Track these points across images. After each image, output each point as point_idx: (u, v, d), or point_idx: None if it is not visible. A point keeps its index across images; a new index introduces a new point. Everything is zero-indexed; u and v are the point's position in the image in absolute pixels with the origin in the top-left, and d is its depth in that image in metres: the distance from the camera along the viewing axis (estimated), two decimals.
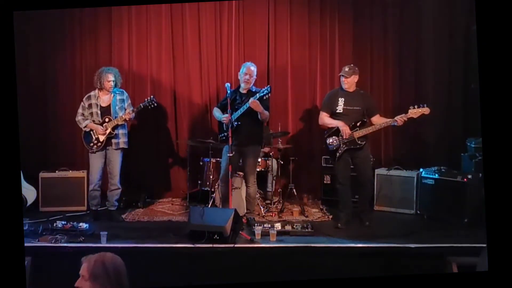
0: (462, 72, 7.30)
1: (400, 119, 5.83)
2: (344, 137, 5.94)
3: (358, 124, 5.97)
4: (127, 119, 6.34)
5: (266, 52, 7.55)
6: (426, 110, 5.80)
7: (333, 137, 6.01)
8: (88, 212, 6.67)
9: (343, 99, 6.03)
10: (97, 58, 7.41)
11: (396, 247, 5.35)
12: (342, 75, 6.03)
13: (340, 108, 6.03)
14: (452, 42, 7.35)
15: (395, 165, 6.96)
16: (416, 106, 5.79)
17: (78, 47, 7.47)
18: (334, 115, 6.08)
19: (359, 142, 5.95)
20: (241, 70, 6.10)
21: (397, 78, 7.48)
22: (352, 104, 6.01)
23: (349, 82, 6.02)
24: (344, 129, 5.93)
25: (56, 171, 7.04)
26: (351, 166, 6.18)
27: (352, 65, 6.13)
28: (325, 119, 6.14)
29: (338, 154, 6.00)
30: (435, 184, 6.45)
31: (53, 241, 5.42)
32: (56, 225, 5.77)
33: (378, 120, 6.04)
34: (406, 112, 5.81)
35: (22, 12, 6.05)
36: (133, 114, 6.38)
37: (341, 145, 5.97)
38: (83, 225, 5.74)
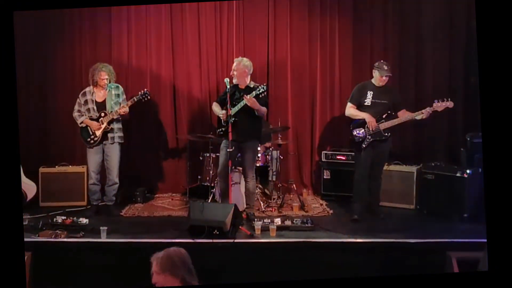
0: (462, 67, 7.29)
1: (425, 112, 5.90)
2: (371, 129, 6.02)
3: (384, 116, 6.04)
4: (122, 113, 6.35)
5: (266, 46, 7.54)
6: (450, 104, 5.89)
7: (360, 128, 6.09)
8: (89, 207, 6.68)
9: (372, 92, 6.12)
10: (97, 53, 7.39)
11: (396, 242, 5.36)
12: (387, 75, 6.07)
13: (368, 101, 6.12)
14: (452, 36, 7.33)
15: (395, 160, 6.96)
16: (440, 100, 5.87)
17: (78, 42, 7.45)
18: (361, 107, 6.16)
19: (385, 134, 6.03)
20: None
21: (397, 72, 7.45)
22: (380, 97, 6.09)
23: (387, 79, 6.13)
24: (370, 121, 6.02)
25: (56, 166, 7.04)
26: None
27: (382, 61, 6.22)
28: (351, 110, 6.21)
29: (364, 145, 6.07)
30: (435, 179, 6.45)
31: (53, 236, 5.42)
32: (56, 220, 5.78)
33: (404, 114, 6.10)
34: (431, 106, 5.88)
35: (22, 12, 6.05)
36: (127, 108, 6.38)
37: (367, 137, 6.04)
38: (83, 220, 5.75)
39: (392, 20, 7.47)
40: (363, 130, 6.06)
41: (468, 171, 6.18)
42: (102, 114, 6.33)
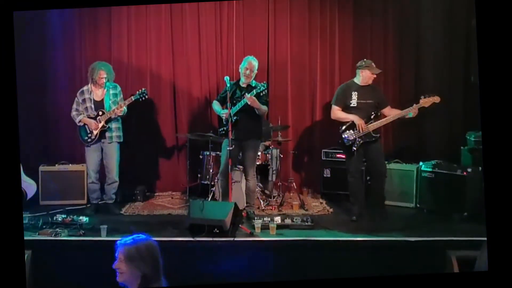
0: (462, 65, 7.30)
1: (414, 109, 5.87)
2: (360, 131, 5.94)
3: (372, 117, 5.98)
4: (119, 113, 6.34)
5: (266, 45, 7.54)
6: (436, 99, 5.84)
7: (349, 131, 6.00)
8: (89, 205, 6.68)
9: (356, 92, 6.04)
10: (97, 52, 7.40)
11: (396, 241, 5.36)
12: (375, 73, 6.04)
13: (354, 102, 6.04)
14: (452, 34, 7.34)
15: (395, 159, 6.96)
16: (426, 96, 5.82)
17: (78, 41, 7.46)
18: (347, 109, 6.08)
19: (374, 134, 5.99)
20: (242, 64, 6.09)
21: (397, 70, 7.48)
22: (366, 97, 6.02)
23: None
24: (360, 123, 5.93)
25: (56, 165, 7.05)
26: (363, 159, 6.23)
27: (366, 59, 6.17)
28: (338, 113, 6.13)
29: (354, 148, 5.99)
30: (435, 178, 6.46)
31: (53, 235, 5.42)
32: (56, 218, 5.77)
33: (390, 112, 6.06)
34: (417, 102, 5.85)
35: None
36: (125, 107, 6.37)
37: (357, 139, 5.97)
38: (83, 219, 5.74)
39: (392, 20, 7.47)
40: (352, 132, 5.98)
41: (468, 169, 6.18)
42: (100, 113, 6.34)
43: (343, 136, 6.03)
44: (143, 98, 6.42)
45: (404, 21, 7.45)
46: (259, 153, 6.78)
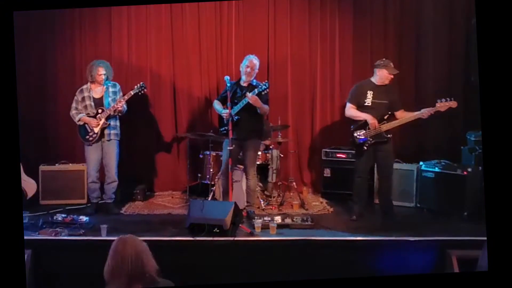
0: (462, 65, 7.29)
1: (427, 112, 5.83)
2: (372, 130, 5.90)
3: (385, 117, 5.93)
4: (119, 109, 6.33)
5: (266, 45, 7.53)
6: (453, 104, 5.79)
7: (361, 130, 5.96)
8: (89, 205, 6.67)
9: (372, 92, 5.97)
10: (97, 51, 7.39)
11: (396, 240, 5.35)
12: (392, 73, 5.98)
13: (368, 101, 5.97)
14: (452, 34, 7.33)
15: (395, 158, 6.94)
16: (443, 100, 5.78)
17: (78, 40, 7.45)
18: (361, 107, 6.01)
19: (386, 135, 5.93)
20: (243, 62, 6.08)
21: (397, 70, 7.45)
22: (381, 97, 5.95)
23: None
24: (373, 122, 5.87)
25: (56, 164, 7.04)
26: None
27: (385, 59, 6.10)
28: (352, 111, 6.06)
29: (365, 147, 5.95)
30: (435, 177, 6.46)
31: (53, 234, 5.42)
32: (56, 218, 5.78)
33: (402, 115, 5.99)
34: (433, 105, 5.81)
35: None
36: (125, 104, 6.37)
37: (369, 139, 5.93)
38: (83, 218, 5.75)
39: (392, 20, 7.46)
40: (364, 131, 5.93)
41: (468, 169, 6.18)
42: (100, 111, 6.33)
43: (355, 134, 6.00)
44: (142, 92, 6.42)
45: (404, 20, 7.44)
46: (260, 153, 6.79)
